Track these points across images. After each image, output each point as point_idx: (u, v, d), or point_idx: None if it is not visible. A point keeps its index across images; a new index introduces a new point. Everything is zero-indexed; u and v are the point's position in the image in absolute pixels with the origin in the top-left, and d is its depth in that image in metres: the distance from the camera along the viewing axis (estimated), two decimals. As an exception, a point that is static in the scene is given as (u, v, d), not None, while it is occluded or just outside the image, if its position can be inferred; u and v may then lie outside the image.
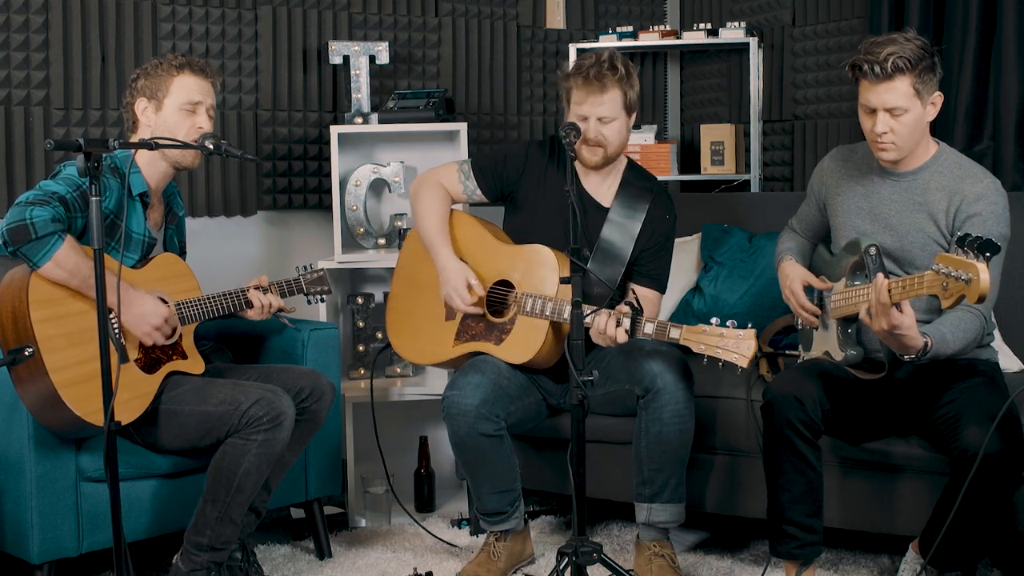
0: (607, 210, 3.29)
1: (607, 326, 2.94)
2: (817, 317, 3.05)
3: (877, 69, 2.76)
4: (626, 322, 2.93)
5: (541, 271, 3.17)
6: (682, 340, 2.90)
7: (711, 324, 2.86)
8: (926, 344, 2.67)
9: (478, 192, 3.38)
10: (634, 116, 3.26)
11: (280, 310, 3.20)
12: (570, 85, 3.21)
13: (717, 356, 2.84)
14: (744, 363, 2.82)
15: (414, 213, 3.40)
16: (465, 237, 3.35)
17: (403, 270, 3.48)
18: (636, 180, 3.34)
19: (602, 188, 3.32)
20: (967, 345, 2.77)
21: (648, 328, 2.95)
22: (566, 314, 3.05)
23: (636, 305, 2.95)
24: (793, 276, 3.08)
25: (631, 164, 3.39)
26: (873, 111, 2.83)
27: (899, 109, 2.79)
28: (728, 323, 2.85)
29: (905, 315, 2.60)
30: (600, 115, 3.16)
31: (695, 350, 2.88)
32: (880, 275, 2.63)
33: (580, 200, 3.27)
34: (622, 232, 3.27)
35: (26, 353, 2.64)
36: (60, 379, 2.70)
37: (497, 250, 3.30)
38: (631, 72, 3.20)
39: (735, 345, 2.83)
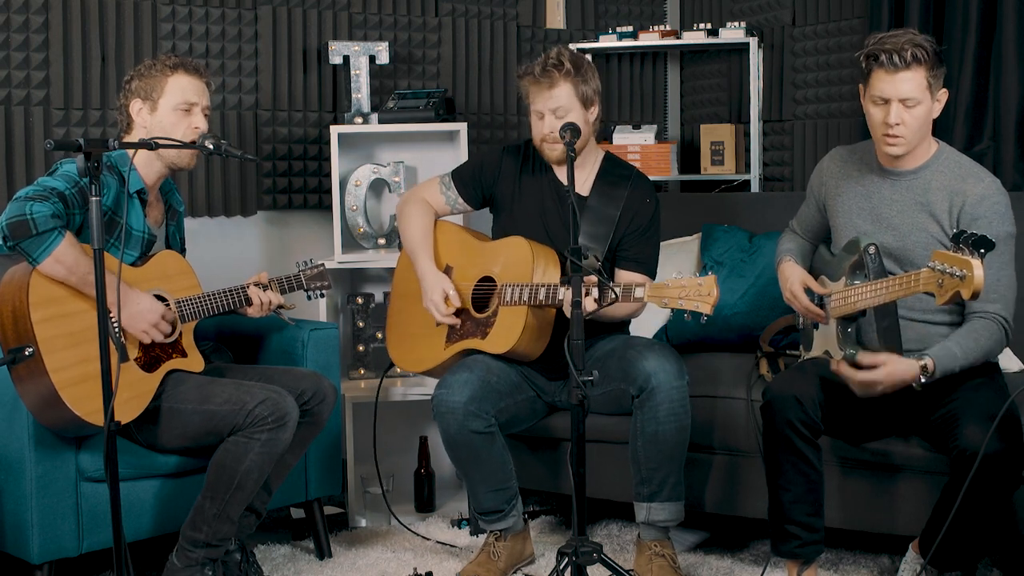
0: (585, 199, 3.32)
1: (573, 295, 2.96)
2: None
3: (896, 58, 2.77)
4: (594, 291, 2.94)
5: (518, 261, 3.23)
6: (646, 298, 2.95)
7: (673, 277, 2.89)
8: (925, 367, 2.71)
9: (460, 201, 3.45)
10: (595, 110, 3.29)
11: (280, 306, 3.21)
12: (525, 87, 3.30)
13: (681, 307, 2.86)
14: (707, 309, 2.83)
15: (400, 229, 3.48)
16: (449, 242, 3.42)
17: (397, 284, 3.55)
18: (613, 169, 3.39)
19: (579, 180, 3.35)
20: (986, 353, 2.79)
21: (615, 292, 2.98)
22: (541, 296, 3.12)
23: (602, 272, 2.98)
24: (793, 279, 3.08)
25: (608, 156, 3.43)
26: (885, 102, 2.83)
27: (913, 100, 2.80)
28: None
29: (879, 372, 2.72)
30: (552, 108, 3.23)
31: (659, 306, 2.92)
32: (834, 362, 2.78)
33: (556, 193, 3.34)
34: (601, 219, 3.30)
35: (26, 353, 2.64)
36: (60, 379, 2.70)
37: (479, 249, 3.36)
38: (580, 66, 3.25)
39: (695, 292, 2.84)
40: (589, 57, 3.35)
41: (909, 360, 2.73)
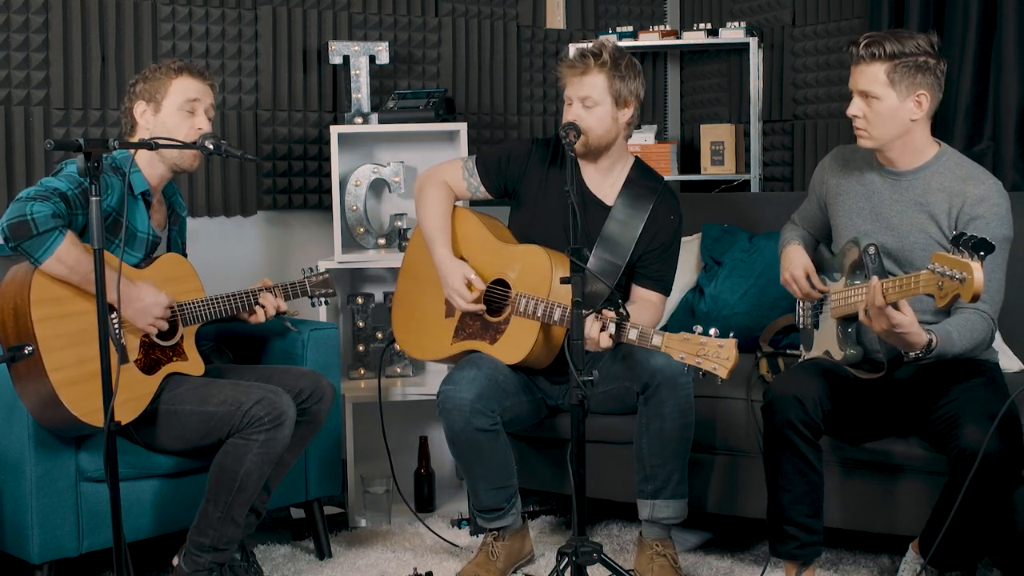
0: (609, 208, 3.29)
1: (592, 329, 2.94)
2: (817, 312, 3.05)
3: (854, 51, 2.88)
4: (611, 327, 2.92)
5: (535, 272, 3.19)
6: (663, 348, 2.89)
7: (694, 332, 2.84)
8: (930, 341, 2.67)
9: (481, 189, 3.40)
10: (628, 112, 3.25)
11: (283, 312, 3.21)
12: (562, 71, 3.27)
13: (698, 365, 2.82)
14: (723, 373, 2.79)
15: (417, 209, 3.42)
16: (467, 234, 3.36)
17: (408, 266, 3.50)
18: (641, 179, 3.34)
19: (604, 186, 3.32)
20: (975, 346, 2.77)
21: (632, 334, 2.94)
22: (556, 316, 3.08)
23: (623, 311, 2.94)
24: (796, 263, 3.08)
25: (638, 163, 3.38)
26: (853, 94, 2.91)
27: (871, 94, 2.85)
28: (711, 331, 2.83)
29: (904, 314, 2.61)
30: (581, 96, 3.20)
31: (676, 358, 2.86)
32: (875, 278, 2.64)
33: (581, 197, 3.27)
34: (624, 231, 3.27)
35: (26, 351, 2.64)
36: (58, 379, 2.70)
37: (497, 249, 3.31)
38: (619, 63, 3.21)
39: (715, 355, 2.80)
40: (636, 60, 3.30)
41: (922, 329, 2.68)
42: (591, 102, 3.19)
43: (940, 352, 2.70)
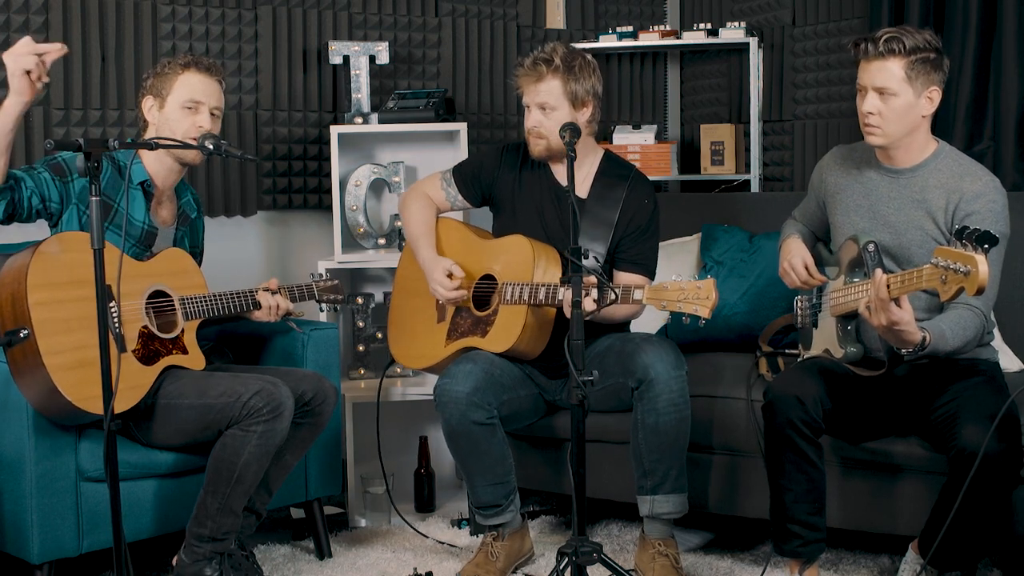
0: (584, 201, 3.32)
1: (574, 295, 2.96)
2: (816, 311, 3.05)
3: (871, 47, 2.83)
4: (594, 292, 2.94)
5: (517, 259, 3.23)
6: (645, 300, 2.94)
7: (672, 280, 2.88)
8: (924, 339, 2.67)
9: (460, 198, 3.47)
10: (587, 111, 3.26)
11: (288, 313, 3.21)
12: (518, 79, 3.30)
13: (680, 310, 2.86)
14: (705, 313, 2.82)
15: (402, 222, 3.49)
16: (451, 240, 3.43)
17: (400, 281, 3.56)
18: (611, 169, 3.38)
19: (576, 180, 3.34)
20: (967, 343, 2.77)
21: (614, 295, 2.98)
22: (541, 296, 3.12)
23: (602, 276, 2.98)
24: (795, 253, 3.08)
25: (608, 155, 3.42)
26: (864, 91, 2.87)
27: (888, 90, 2.83)
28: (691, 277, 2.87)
29: (904, 311, 2.61)
30: (538, 102, 3.24)
31: (658, 308, 2.91)
32: (879, 271, 2.64)
33: (554, 193, 3.34)
34: (599, 221, 3.30)
35: (21, 335, 2.63)
36: (54, 363, 2.69)
37: (480, 247, 3.37)
38: (572, 64, 3.23)
39: (694, 296, 2.84)
40: (590, 56, 3.31)
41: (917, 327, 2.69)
42: (548, 107, 3.23)
43: (932, 350, 2.71)
